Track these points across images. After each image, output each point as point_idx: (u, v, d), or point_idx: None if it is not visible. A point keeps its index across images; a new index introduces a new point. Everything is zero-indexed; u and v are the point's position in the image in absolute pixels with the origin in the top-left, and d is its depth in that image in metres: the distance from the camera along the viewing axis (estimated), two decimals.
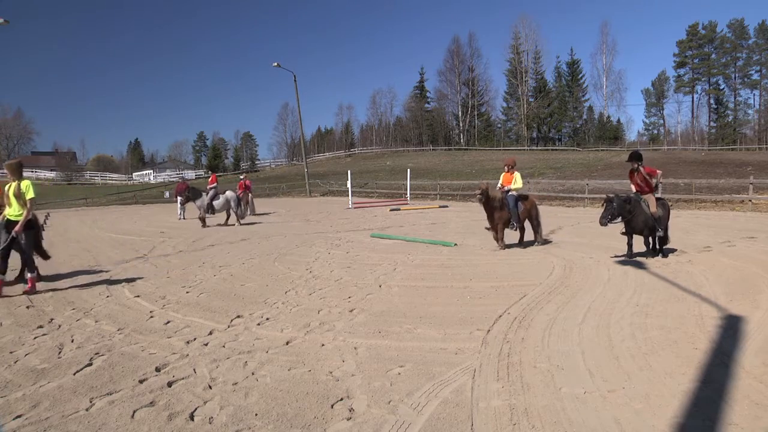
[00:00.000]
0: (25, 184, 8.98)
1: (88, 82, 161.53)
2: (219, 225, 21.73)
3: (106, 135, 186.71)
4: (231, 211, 21.91)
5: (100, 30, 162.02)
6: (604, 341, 5.58)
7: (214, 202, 21.31)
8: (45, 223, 11.48)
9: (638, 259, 10.46)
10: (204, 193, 21.52)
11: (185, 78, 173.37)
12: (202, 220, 21.25)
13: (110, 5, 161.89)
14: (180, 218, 26.46)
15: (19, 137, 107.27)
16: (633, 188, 11.08)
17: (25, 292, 8.94)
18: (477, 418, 3.89)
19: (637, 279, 8.76)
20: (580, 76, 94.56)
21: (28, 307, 8.03)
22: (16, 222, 8.86)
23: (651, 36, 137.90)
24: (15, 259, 9.32)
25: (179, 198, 27.08)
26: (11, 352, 5.84)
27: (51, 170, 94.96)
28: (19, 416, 4.15)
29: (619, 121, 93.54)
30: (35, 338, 6.38)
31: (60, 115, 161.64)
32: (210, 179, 22.51)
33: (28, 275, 9.20)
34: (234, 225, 21.65)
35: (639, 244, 10.83)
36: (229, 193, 21.71)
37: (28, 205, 8.97)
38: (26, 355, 5.74)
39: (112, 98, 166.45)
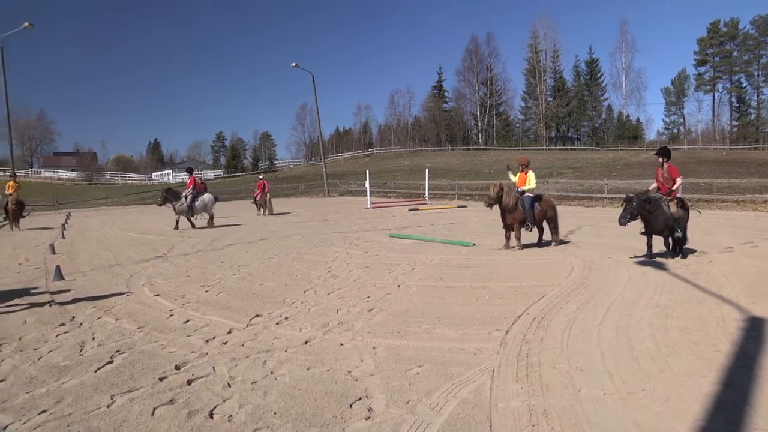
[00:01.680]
0: None
1: (108, 83, 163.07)
2: (201, 228, 21.21)
3: (126, 135, 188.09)
4: (210, 213, 21.70)
5: (120, 32, 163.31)
6: (623, 342, 5.53)
7: (195, 204, 21.12)
8: (66, 223, 11.67)
9: (658, 259, 10.37)
10: (183, 196, 21.30)
11: (204, 78, 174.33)
12: (177, 222, 20.98)
13: (130, 7, 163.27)
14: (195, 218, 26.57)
15: (42, 138, 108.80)
16: (654, 184, 10.98)
17: None
18: (496, 418, 3.88)
19: (656, 280, 8.69)
20: (599, 74, 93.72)
21: (50, 305, 8.13)
22: None
23: (671, 34, 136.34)
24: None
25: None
26: (35, 349, 5.93)
27: (72, 170, 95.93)
28: (43, 411, 4.22)
29: (638, 120, 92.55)
30: (58, 336, 6.45)
31: (81, 116, 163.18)
32: (189, 181, 21.92)
33: None
34: (213, 227, 21.30)
35: (659, 244, 10.74)
36: (207, 196, 21.58)
37: None
38: (49, 352, 5.82)
39: (131, 99, 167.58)
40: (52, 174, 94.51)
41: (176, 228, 20.59)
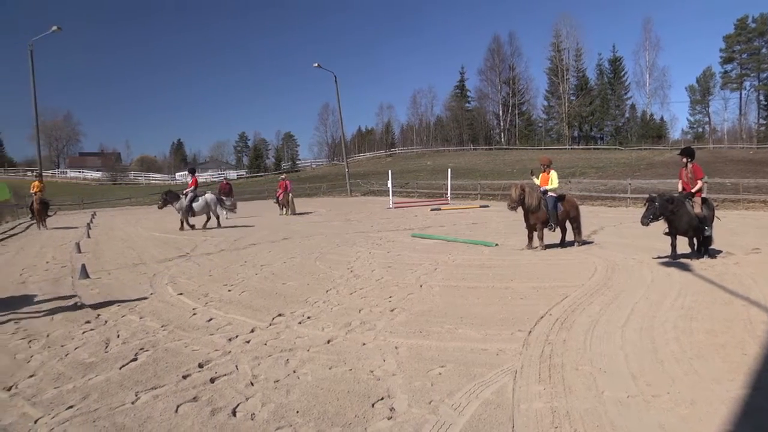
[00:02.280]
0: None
1: (132, 84, 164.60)
2: (199, 228, 21.03)
3: (149, 136, 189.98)
4: (211, 214, 21.56)
5: (145, 34, 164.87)
6: (647, 344, 5.47)
7: (194, 204, 20.95)
8: (91, 222, 11.77)
9: (682, 260, 10.24)
10: (182, 196, 21.21)
11: (227, 79, 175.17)
12: (182, 222, 20.93)
13: (155, 10, 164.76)
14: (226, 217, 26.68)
15: (68, 139, 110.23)
16: (679, 187, 10.84)
17: None
18: (518, 419, 3.86)
19: (681, 281, 8.59)
20: (623, 73, 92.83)
21: (76, 303, 8.24)
22: None
23: (696, 31, 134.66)
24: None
25: (225, 198, 27.37)
26: (62, 346, 6.03)
27: (97, 170, 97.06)
28: (71, 407, 4.29)
29: (662, 119, 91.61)
30: (83, 333, 6.54)
31: (106, 117, 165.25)
32: (190, 182, 22.02)
33: None
34: (214, 228, 21.19)
35: (683, 245, 10.61)
36: (208, 196, 21.49)
37: None
38: (76, 348, 5.91)
39: (155, 100, 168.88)
40: (77, 174, 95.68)
41: (181, 228, 20.64)
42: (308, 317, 7.00)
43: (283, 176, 32.43)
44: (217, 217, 21.59)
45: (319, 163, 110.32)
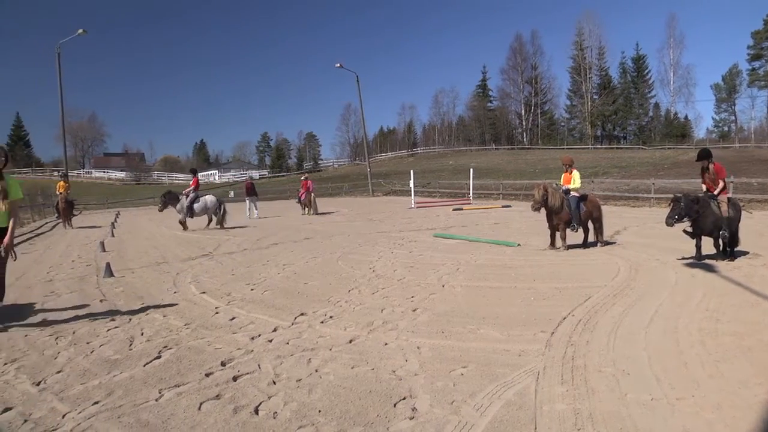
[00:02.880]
0: (12, 181, 6.87)
1: (156, 85, 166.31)
2: (200, 229, 21.03)
3: (172, 136, 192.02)
4: (212, 215, 21.41)
5: (168, 35, 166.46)
6: (671, 346, 5.40)
7: (194, 205, 20.90)
8: (115, 221, 11.84)
9: (707, 261, 10.10)
10: (182, 197, 21.15)
11: (250, 80, 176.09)
12: (182, 223, 20.92)
13: (177, 11, 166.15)
14: (254, 216, 26.75)
15: (93, 139, 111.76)
16: (704, 187, 10.70)
17: None
18: (541, 421, 3.83)
19: (706, 282, 8.48)
20: (646, 71, 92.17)
21: (101, 301, 8.35)
22: (2, 231, 6.79)
23: (722, 28, 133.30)
24: None
25: (248, 198, 27.46)
26: (87, 343, 6.11)
27: (121, 170, 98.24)
28: (96, 402, 4.35)
29: (686, 117, 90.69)
30: (108, 330, 6.62)
31: (129, 118, 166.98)
32: (191, 182, 21.84)
33: None
34: (217, 228, 21.08)
35: (709, 245, 10.46)
36: (209, 198, 21.36)
37: (13, 209, 6.90)
38: (101, 346, 5.98)
39: (178, 101, 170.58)
40: (102, 174, 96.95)
41: (185, 229, 20.67)
42: (330, 317, 7.01)
43: (305, 176, 32.47)
44: (218, 219, 21.35)
45: (341, 162, 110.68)
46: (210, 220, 21.52)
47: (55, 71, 39.94)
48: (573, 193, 12.50)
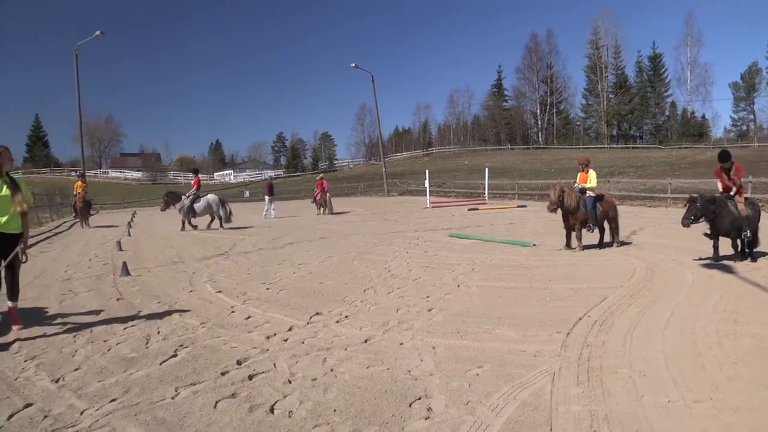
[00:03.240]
0: (23, 184, 6.74)
1: (171, 86, 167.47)
2: (201, 230, 20.90)
3: (188, 137, 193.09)
4: (214, 215, 21.33)
5: (182, 37, 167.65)
6: (689, 348, 5.35)
7: (195, 205, 20.83)
8: (132, 221, 11.95)
9: (725, 262, 10.00)
10: (184, 197, 21.16)
11: (265, 80, 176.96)
12: (183, 223, 20.90)
13: (191, 13, 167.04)
14: (271, 217, 26.80)
15: (109, 140, 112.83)
16: (720, 187, 10.56)
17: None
18: (556, 422, 3.81)
19: (723, 284, 8.39)
20: (663, 70, 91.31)
21: (118, 300, 8.41)
22: (14, 236, 6.57)
23: (741, 25, 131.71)
24: None
25: (268, 197, 27.52)
26: (104, 341, 6.17)
27: (137, 170, 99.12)
28: (113, 400, 4.40)
29: (704, 117, 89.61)
30: (125, 329, 6.67)
31: (146, 118, 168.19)
32: (193, 182, 21.82)
33: (12, 303, 6.84)
34: (217, 229, 20.98)
35: (726, 246, 10.36)
36: (210, 197, 21.29)
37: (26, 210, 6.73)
38: (117, 344, 6.03)
39: (194, 101, 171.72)
40: (118, 174, 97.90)
41: (182, 229, 20.69)
42: (346, 316, 7.02)
43: (320, 176, 32.57)
44: (220, 219, 21.26)
45: (357, 162, 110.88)
46: (212, 220, 21.53)
47: (73, 73, 40.26)
48: (589, 193, 12.43)
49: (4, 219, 6.39)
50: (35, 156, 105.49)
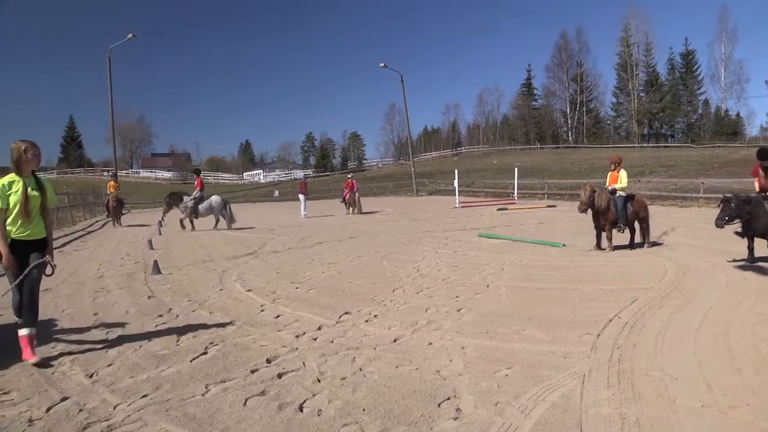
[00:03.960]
0: (49, 185, 5.87)
1: (202, 86, 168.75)
2: (206, 230, 20.77)
3: (218, 137, 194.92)
4: (219, 216, 21.31)
5: (212, 38, 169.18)
6: (722, 351, 5.25)
7: (199, 206, 20.88)
8: (162, 220, 12.00)
9: (761, 264, 9.80)
10: (187, 197, 21.13)
11: (294, 80, 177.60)
12: (182, 222, 20.93)
13: (223, 15, 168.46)
14: (305, 216, 26.91)
15: (141, 140, 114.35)
16: (756, 186, 10.35)
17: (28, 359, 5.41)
18: (586, 425, 3.77)
19: (759, 285, 8.22)
20: (696, 67, 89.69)
21: (149, 298, 8.51)
22: (40, 242, 5.70)
23: None
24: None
25: (302, 196, 27.63)
26: (136, 338, 6.26)
27: (168, 170, 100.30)
28: (145, 395, 4.46)
29: (738, 114, 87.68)
30: (156, 326, 6.76)
31: (176, 119, 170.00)
32: (196, 182, 21.75)
33: (27, 331, 5.49)
34: (223, 229, 20.85)
35: (762, 247, 10.15)
36: (213, 199, 21.29)
37: (50, 218, 5.88)
38: (149, 341, 6.12)
39: (224, 102, 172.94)
40: (149, 174, 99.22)
41: (183, 228, 20.76)
42: (375, 316, 7.03)
43: (349, 175, 32.66)
44: (226, 219, 21.25)
45: (386, 162, 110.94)
46: (217, 221, 21.54)
47: (106, 74, 40.81)
48: (619, 193, 12.30)
49: (33, 223, 5.55)
50: (69, 156, 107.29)
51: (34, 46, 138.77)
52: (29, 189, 5.49)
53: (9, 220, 5.44)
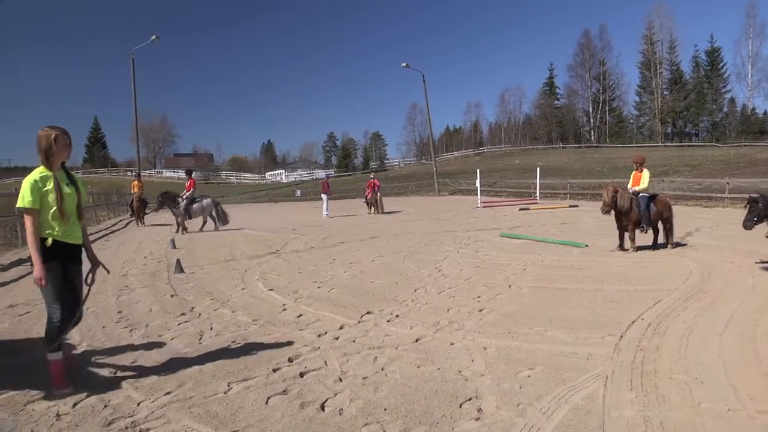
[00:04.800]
0: (80, 182, 5.06)
1: (224, 87, 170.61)
2: (229, 230, 20.85)
3: (240, 137, 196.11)
4: (208, 217, 21.23)
5: (235, 39, 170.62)
6: (749, 355, 5.16)
7: (192, 207, 20.71)
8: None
9: None
10: (179, 198, 20.93)
11: (316, 80, 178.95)
12: (179, 224, 20.71)
13: (245, 16, 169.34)
14: (327, 216, 26.96)
15: (164, 140, 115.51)
16: None
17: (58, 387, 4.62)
18: (609, 427, 3.74)
19: None
20: (721, 65, 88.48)
21: (172, 296, 8.58)
22: (77, 249, 4.96)
23: None
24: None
25: (324, 196, 27.69)
26: (159, 336, 6.33)
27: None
28: (168, 393, 4.52)
29: (765, 113, 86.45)
30: (179, 324, 6.81)
31: (199, 119, 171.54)
32: (188, 184, 21.53)
33: (55, 356, 4.65)
34: (211, 230, 20.80)
35: None
36: (206, 201, 21.20)
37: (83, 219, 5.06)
38: (172, 339, 6.17)
39: (246, 102, 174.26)
40: (172, 174, 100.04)
41: (184, 231, 20.56)
42: (397, 315, 7.03)
43: (371, 175, 32.69)
44: (214, 220, 21.22)
45: (407, 162, 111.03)
46: (204, 222, 21.42)
47: (129, 76, 41.26)
48: (642, 193, 12.19)
49: (70, 225, 4.76)
50: (94, 157, 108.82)
51: (59, 47, 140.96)
52: (62, 185, 4.71)
53: (45, 224, 4.62)
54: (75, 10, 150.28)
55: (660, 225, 12.52)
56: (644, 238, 12.47)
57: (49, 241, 4.59)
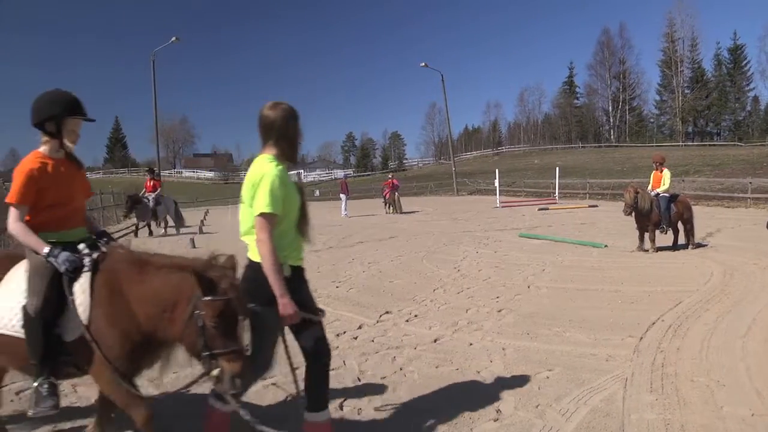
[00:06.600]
0: None
1: (243, 87, 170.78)
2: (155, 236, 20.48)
3: (259, 137, 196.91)
4: (170, 218, 20.87)
5: (252, 40, 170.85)
6: None
7: (158, 208, 20.14)
8: (204, 221, 12.15)
9: None
10: (146, 201, 20.17)
11: (335, 80, 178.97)
12: (149, 226, 20.55)
13: (262, 15, 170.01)
14: (346, 215, 27.07)
15: (183, 141, 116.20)
16: None
17: None
18: (629, 430, 3.74)
19: None
20: (744, 63, 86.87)
21: None
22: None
23: None
24: None
25: (343, 195, 27.77)
26: None
27: (210, 170, 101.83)
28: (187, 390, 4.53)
29: None
30: None
31: (218, 120, 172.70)
32: (153, 185, 20.76)
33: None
34: (172, 235, 20.48)
35: None
36: (166, 200, 20.71)
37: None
38: None
39: (264, 102, 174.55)
40: (191, 174, 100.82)
41: (150, 235, 20.28)
42: (415, 315, 7.06)
43: (390, 175, 32.69)
44: (175, 222, 20.95)
45: (426, 162, 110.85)
46: (167, 224, 21.12)
47: (150, 76, 41.46)
48: (663, 194, 12.11)
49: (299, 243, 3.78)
50: (114, 157, 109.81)
51: (80, 48, 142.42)
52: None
53: (281, 239, 3.49)
54: (96, 9, 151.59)
55: (680, 225, 12.43)
56: (664, 238, 12.38)
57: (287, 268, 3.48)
